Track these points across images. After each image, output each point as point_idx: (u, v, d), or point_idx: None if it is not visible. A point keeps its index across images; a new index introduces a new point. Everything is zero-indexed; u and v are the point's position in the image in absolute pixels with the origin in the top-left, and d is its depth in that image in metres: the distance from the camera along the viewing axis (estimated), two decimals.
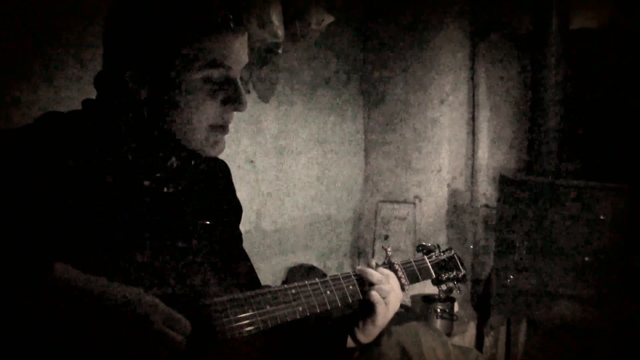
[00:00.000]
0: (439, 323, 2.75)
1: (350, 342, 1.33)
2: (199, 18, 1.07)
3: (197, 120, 1.09)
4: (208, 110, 1.10)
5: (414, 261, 1.45)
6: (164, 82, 1.07)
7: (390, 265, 1.38)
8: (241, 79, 1.16)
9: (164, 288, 1.04)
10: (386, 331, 1.35)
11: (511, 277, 2.76)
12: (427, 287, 1.50)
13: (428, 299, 2.82)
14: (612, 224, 2.59)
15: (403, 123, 3.21)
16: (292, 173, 2.91)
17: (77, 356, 0.90)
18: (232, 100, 1.12)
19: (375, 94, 3.28)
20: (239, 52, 1.11)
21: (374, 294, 1.28)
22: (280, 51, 2.58)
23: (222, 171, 1.33)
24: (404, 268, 1.40)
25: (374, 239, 3.23)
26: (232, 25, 1.09)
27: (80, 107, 1.17)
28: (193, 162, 1.17)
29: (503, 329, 2.99)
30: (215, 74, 1.09)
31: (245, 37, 1.13)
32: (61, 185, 1.02)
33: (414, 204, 3.17)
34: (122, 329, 0.90)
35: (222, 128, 1.13)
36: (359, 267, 1.33)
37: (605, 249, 2.60)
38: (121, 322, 0.90)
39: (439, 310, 2.75)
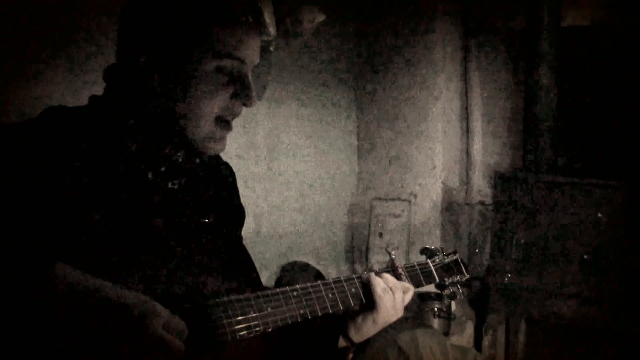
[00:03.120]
0: (436, 322, 2.73)
1: (341, 342, 1.31)
2: (216, 8, 1.09)
3: (205, 111, 1.10)
4: (217, 102, 1.11)
5: (418, 265, 1.43)
6: (177, 69, 1.09)
7: (393, 269, 1.36)
8: None
9: (165, 287, 1.02)
10: (382, 332, 1.34)
11: (508, 275, 2.75)
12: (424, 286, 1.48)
13: (424, 298, 2.79)
14: (610, 222, 2.58)
15: (396, 120, 3.20)
16: (285, 172, 2.91)
17: (75, 357, 0.90)
18: (241, 95, 1.12)
19: (368, 91, 3.27)
20: (252, 49, 1.13)
21: (379, 291, 1.27)
22: (272, 49, 2.57)
23: (227, 173, 1.32)
24: (408, 272, 1.38)
25: (369, 237, 3.22)
26: (250, 20, 1.10)
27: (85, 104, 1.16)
28: (198, 160, 1.17)
29: (502, 328, 2.97)
30: (228, 65, 1.10)
31: (259, 37, 1.15)
32: (64, 180, 1.01)
33: (409, 201, 3.17)
34: (120, 332, 0.89)
35: (227, 124, 1.14)
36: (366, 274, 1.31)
37: (603, 247, 2.58)
38: (119, 324, 0.89)
39: (436, 309, 2.72)
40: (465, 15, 3.18)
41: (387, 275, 1.32)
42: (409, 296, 1.34)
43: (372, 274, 1.30)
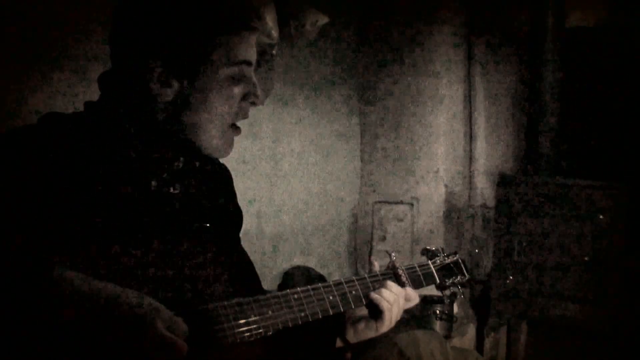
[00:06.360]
0: (437, 325, 2.73)
1: (338, 342, 1.32)
2: (227, 16, 1.09)
3: (221, 119, 1.11)
4: (229, 108, 1.11)
5: (418, 266, 1.43)
6: (194, 80, 1.08)
7: (394, 270, 1.36)
8: None
9: (165, 291, 1.03)
10: (383, 334, 1.34)
11: (510, 277, 2.75)
12: (425, 288, 1.48)
13: (426, 300, 2.79)
14: (612, 224, 2.58)
15: (399, 124, 3.20)
16: (288, 175, 2.90)
17: (79, 359, 0.89)
18: (250, 96, 1.14)
19: (371, 94, 3.27)
20: (254, 48, 1.14)
21: (387, 306, 1.27)
22: (274, 52, 2.57)
23: (224, 175, 1.32)
24: (408, 273, 1.38)
25: (372, 240, 3.22)
26: (253, 23, 1.11)
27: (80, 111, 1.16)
28: (198, 164, 1.17)
29: (503, 330, 2.97)
30: (241, 71, 1.11)
31: (256, 35, 1.16)
32: (64, 186, 1.02)
33: (412, 204, 3.16)
34: (123, 333, 0.89)
35: (237, 127, 1.15)
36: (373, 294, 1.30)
37: (605, 248, 2.58)
38: (122, 325, 0.89)
39: (437, 311, 2.72)
40: (469, 17, 3.17)
41: (392, 285, 1.31)
42: (410, 304, 1.34)
43: (380, 289, 1.29)
